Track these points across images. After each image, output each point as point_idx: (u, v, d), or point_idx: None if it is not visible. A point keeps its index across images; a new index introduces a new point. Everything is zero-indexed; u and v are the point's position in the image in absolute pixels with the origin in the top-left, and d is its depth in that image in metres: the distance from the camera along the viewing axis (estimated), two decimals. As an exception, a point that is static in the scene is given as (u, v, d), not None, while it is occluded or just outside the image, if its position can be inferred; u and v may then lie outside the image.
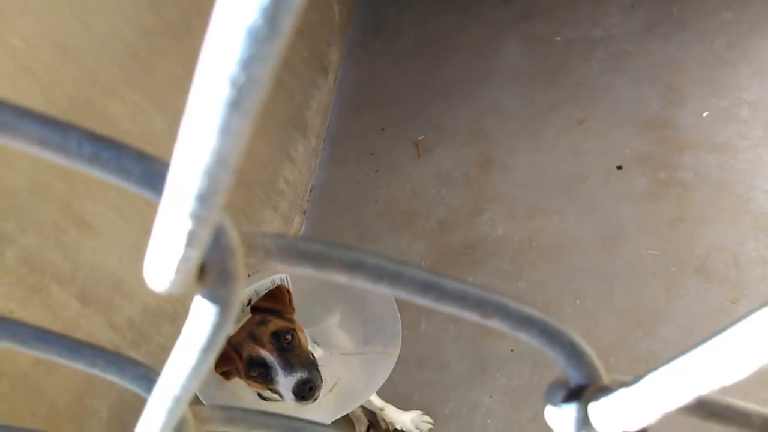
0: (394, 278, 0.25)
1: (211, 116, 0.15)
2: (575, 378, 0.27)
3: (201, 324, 0.22)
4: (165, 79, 1.81)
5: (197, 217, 0.17)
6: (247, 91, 0.14)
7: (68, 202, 1.46)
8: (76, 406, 1.43)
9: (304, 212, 2.57)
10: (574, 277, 2.01)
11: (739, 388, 0.21)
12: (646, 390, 0.22)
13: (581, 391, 0.25)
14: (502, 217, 2.25)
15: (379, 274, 0.25)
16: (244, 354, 1.32)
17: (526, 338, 0.27)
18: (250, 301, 1.43)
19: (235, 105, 0.14)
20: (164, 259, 0.19)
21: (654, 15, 2.58)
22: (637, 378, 0.23)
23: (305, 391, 1.27)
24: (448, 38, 2.98)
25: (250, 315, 1.38)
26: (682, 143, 2.17)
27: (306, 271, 0.24)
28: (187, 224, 0.17)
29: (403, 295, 0.26)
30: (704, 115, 2.20)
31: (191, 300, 0.22)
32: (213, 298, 0.21)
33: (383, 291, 0.25)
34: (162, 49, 1.82)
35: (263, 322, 1.34)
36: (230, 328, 0.22)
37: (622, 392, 0.23)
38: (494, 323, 0.27)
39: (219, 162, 0.16)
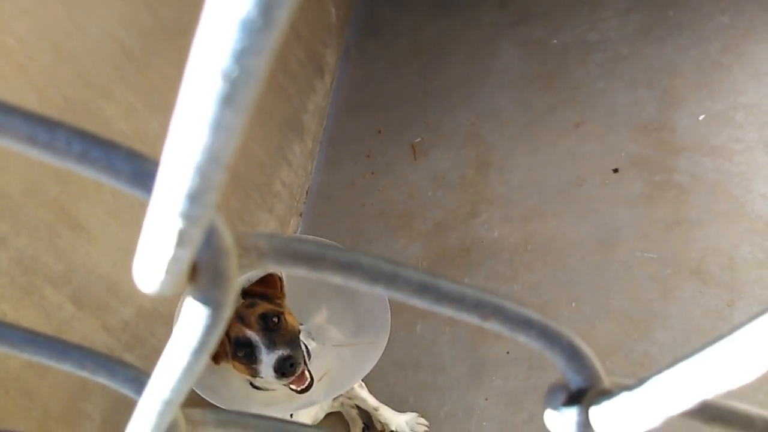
0: (390, 279, 0.25)
1: (202, 111, 0.14)
2: (575, 381, 0.26)
3: (192, 326, 0.21)
4: (160, 79, 1.80)
5: (188, 217, 0.17)
6: (241, 85, 0.14)
7: (62, 204, 1.45)
8: (68, 409, 1.42)
9: (300, 214, 2.56)
10: (570, 280, 2.01)
11: (734, 390, 0.21)
12: (649, 394, 0.21)
13: (582, 395, 0.25)
14: (498, 219, 2.25)
15: (374, 275, 0.24)
16: (232, 335, 1.35)
17: (525, 340, 0.27)
18: (243, 289, 1.46)
19: (227, 100, 0.14)
20: (154, 259, 0.18)
21: (650, 19, 2.59)
22: (639, 381, 0.22)
23: (286, 368, 1.29)
24: (445, 41, 2.98)
25: (242, 300, 1.42)
26: (678, 146, 2.17)
27: (300, 272, 0.24)
28: (178, 223, 0.17)
29: (400, 296, 0.25)
30: (700, 118, 2.20)
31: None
32: (205, 299, 0.21)
33: (379, 292, 0.25)
34: (157, 49, 1.82)
35: (252, 305, 1.38)
36: (222, 330, 0.22)
37: (624, 396, 0.22)
38: (493, 325, 0.26)
39: (211, 159, 0.15)
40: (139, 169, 0.20)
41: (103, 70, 1.63)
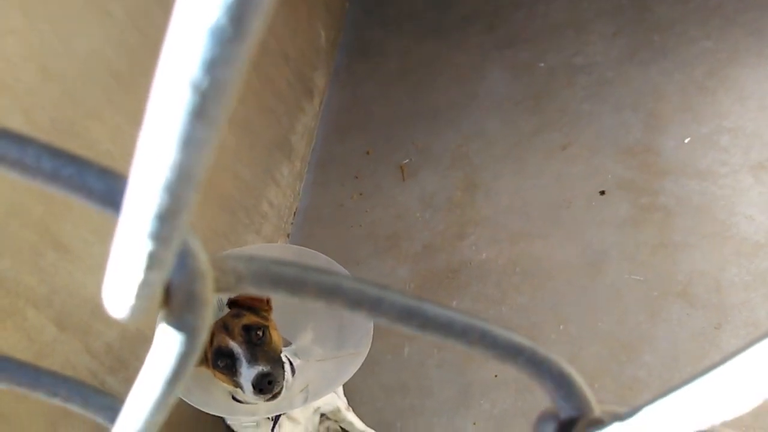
0: (374, 304, 0.24)
1: (171, 126, 0.13)
2: (565, 409, 0.25)
3: (165, 353, 0.20)
4: (147, 100, 1.79)
5: (158, 238, 0.16)
6: (211, 97, 0.13)
7: (46, 225, 1.43)
8: (48, 434, 1.38)
9: (288, 235, 2.55)
10: (558, 303, 2.00)
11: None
12: (642, 424, 0.21)
13: (572, 424, 0.24)
14: (486, 241, 2.24)
15: (358, 300, 0.23)
16: (214, 343, 1.34)
17: (513, 367, 0.26)
18: (230, 299, 1.47)
19: (197, 113, 0.13)
20: (123, 283, 0.17)
21: (635, 43, 2.62)
22: (632, 411, 0.21)
23: (264, 384, 1.28)
24: (434, 63, 3.00)
25: (228, 309, 1.42)
26: (663, 169, 2.18)
27: (280, 296, 0.23)
28: (148, 245, 0.16)
29: (384, 321, 0.24)
30: (685, 141, 2.22)
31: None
32: (179, 325, 0.20)
33: (363, 317, 0.24)
34: (145, 69, 1.81)
35: (237, 315, 1.38)
36: (197, 357, 0.21)
37: (616, 427, 0.21)
38: (480, 351, 0.25)
39: (181, 177, 0.14)
40: (113, 187, 0.20)
41: (90, 90, 1.62)
